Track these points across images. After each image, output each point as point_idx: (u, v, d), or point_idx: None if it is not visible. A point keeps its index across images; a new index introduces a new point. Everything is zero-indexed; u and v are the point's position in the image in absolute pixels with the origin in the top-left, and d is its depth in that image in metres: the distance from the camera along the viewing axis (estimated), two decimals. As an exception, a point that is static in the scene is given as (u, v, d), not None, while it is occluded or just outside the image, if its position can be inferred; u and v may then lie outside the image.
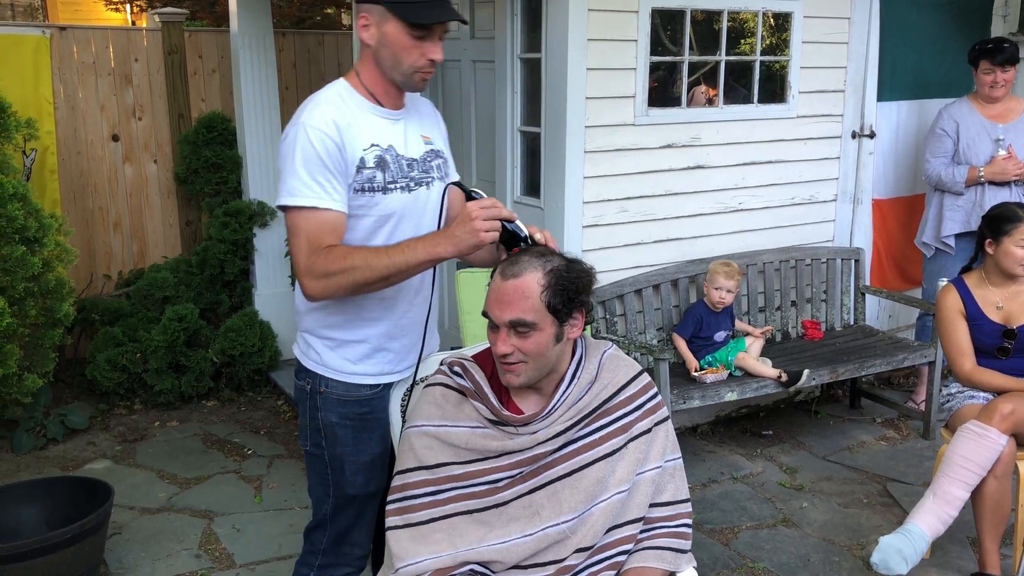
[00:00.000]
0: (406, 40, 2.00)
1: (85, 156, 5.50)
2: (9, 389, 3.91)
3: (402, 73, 2.05)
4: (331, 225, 1.99)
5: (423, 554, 1.95)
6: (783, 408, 4.92)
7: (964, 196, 4.52)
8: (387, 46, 2.02)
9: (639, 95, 4.12)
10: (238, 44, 5.23)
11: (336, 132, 2.00)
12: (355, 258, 1.95)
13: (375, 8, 2.00)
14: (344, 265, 1.94)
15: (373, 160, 2.06)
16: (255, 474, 4.20)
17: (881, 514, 3.81)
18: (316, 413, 2.22)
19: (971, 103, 4.57)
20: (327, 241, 1.97)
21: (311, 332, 2.21)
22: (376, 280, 1.96)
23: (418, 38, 2.00)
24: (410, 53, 2.02)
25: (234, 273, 5.40)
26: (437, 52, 2.04)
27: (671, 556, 2.02)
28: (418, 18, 1.97)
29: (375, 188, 2.07)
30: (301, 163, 1.97)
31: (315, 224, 1.98)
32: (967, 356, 3.42)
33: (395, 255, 1.95)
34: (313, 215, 1.98)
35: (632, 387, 2.07)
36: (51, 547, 2.92)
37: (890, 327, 5.31)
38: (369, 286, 1.98)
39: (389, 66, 2.05)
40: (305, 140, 1.97)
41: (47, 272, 3.98)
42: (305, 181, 1.97)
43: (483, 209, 1.91)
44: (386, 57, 2.04)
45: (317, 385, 2.20)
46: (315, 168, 1.97)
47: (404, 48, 2.01)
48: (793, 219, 4.80)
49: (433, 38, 2.03)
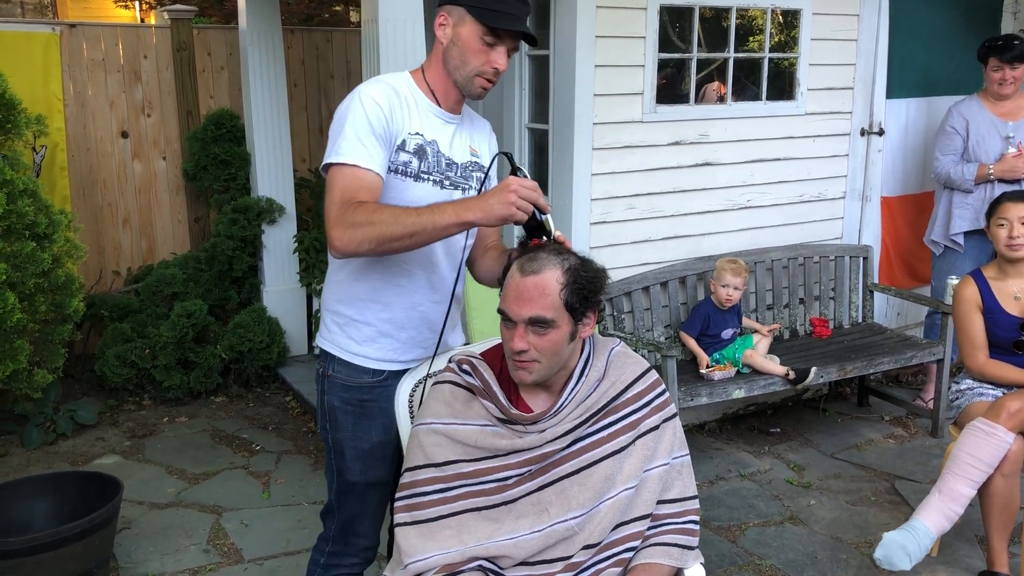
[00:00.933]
0: (477, 44, 2.08)
1: (94, 153, 5.52)
2: (19, 384, 3.93)
3: (465, 75, 2.12)
4: (367, 183, 2.02)
5: (431, 550, 1.96)
6: (791, 406, 4.92)
7: (973, 194, 4.50)
8: (458, 46, 2.10)
9: (647, 92, 4.12)
10: (247, 41, 5.24)
11: (387, 105, 2.07)
12: (384, 212, 1.97)
13: (456, 9, 2.09)
14: (372, 217, 1.95)
15: (413, 146, 2.12)
16: (263, 470, 4.22)
17: (889, 512, 3.80)
18: (323, 396, 2.28)
19: (981, 100, 4.56)
20: (360, 197, 2.00)
21: (327, 307, 2.28)
22: (401, 236, 1.95)
23: (488, 44, 2.08)
24: (478, 56, 2.09)
25: (243, 269, 5.42)
26: (502, 61, 2.11)
27: (678, 553, 2.03)
28: (495, 22, 2.05)
29: (407, 173, 2.12)
30: (351, 126, 2.04)
31: (352, 179, 2.02)
32: (980, 349, 3.42)
33: (424, 213, 1.96)
34: (352, 171, 2.02)
35: (640, 384, 2.07)
36: (61, 541, 2.94)
37: (898, 325, 5.30)
38: (395, 242, 1.96)
39: (455, 66, 2.12)
40: (358, 106, 2.05)
41: (57, 268, 4.00)
42: (351, 141, 2.03)
43: (523, 187, 1.92)
44: (454, 56, 2.11)
45: (326, 368, 2.26)
46: (363, 131, 2.03)
47: (473, 51, 2.09)
48: (802, 216, 4.79)
49: (502, 47, 2.10)
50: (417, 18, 3.37)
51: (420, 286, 2.21)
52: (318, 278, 5.29)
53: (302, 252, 5.47)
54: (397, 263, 2.17)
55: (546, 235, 2.01)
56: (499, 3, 2.05)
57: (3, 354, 3.75)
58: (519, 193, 1.91)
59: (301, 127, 6.18)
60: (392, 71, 3.32)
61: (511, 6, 2.05)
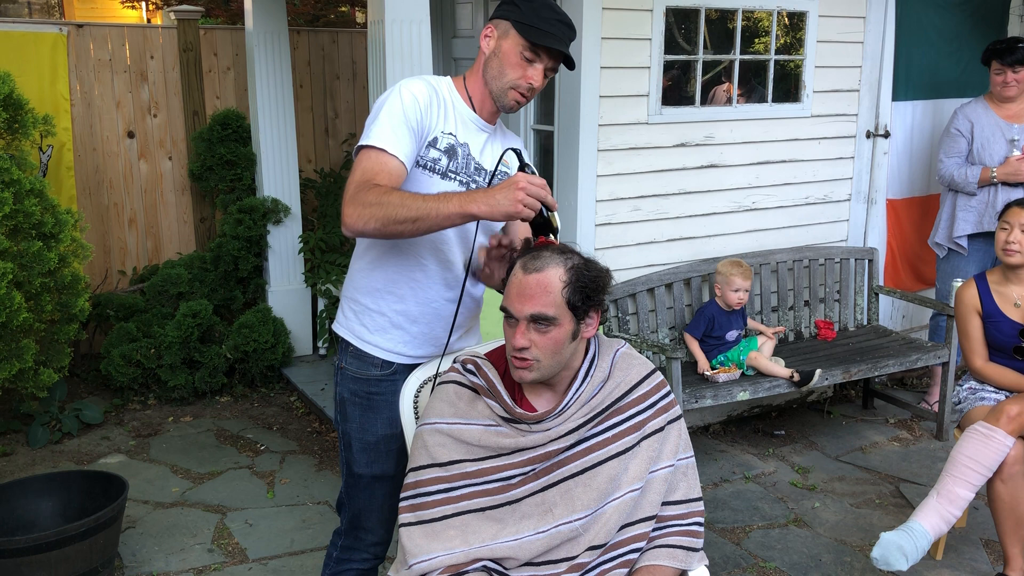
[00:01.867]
0: (517, 58, 2.15)
1: (101, 153, 5.54)
2: (25, 383, 3.94)
3: (500, 86, 2.18)
4: (389, 169, 2.06)
5: (436, 551, 1.96)
6: (795, 408, 4.91)
7: (977, 197, 4.50)
8: (499, 57, 2.17)
9: (653, 94, 4.12)
10: (253, 42, 5.25)
11: (425, 100, 2.14)
12: (393, 195, 2.00)
13: (503, 23, 2.17)
14: (381, 198, 1.98)
15: (445, 145, 2.17)
16: (268, 470, 4.22)
17: (893, 515, 3.80)
18: (336, 388, 2.35)
19: (986, 103, 4.55)
20: (379, 180, 2.04)
21: (345, 294, 2.34)
22: (405, 219, 1.97)
23: (527, 59, 2.14)
24: (515, 70, 2.16)
25: (248, 270, 5.43)
26: (538, 79, 2.17)
27: (683, 554, 2.03)
28: (536, 39, 2.11)
29: (436, 170, 2.16)
30: (386, 114, 2.09)
31: (375, 162, 2.06)
32: (978, 353, 3.43)
33: (430, 200, 1.99)
34: (377, 155, 2.07)
35: (645, 385, 2.07)
36: (67, 540, 2.95)
37: (903, 327, 5.29)
38: (398, 225, 1.98)
39: (492, 76, 2.19)
40: (396, 97, 2.12)
41: (63, 268, 4.01)
42: (384, 128, 2.08)
43: (531, 184, 1.94)
44: (493, 67, 2.18)
45: (340, 360, 2.33)
46: (396, 121, 2.08)
47: (512, 64, 2.16)
48: (807, 218, 4.79)
49: (539, 65, 2.16)
50: (423, 19, 3.38)
51: (435, 282, 2.24)
52: (323, 279, 5.30)
53: (307, 252, 5.48)
54: (414, 256, 2.20)
55: (552, 232, 2.02)
56: (545, 23, 2.12)
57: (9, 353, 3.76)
58: (527, 190, 1.92)
59: (307, 128, 6.19)
60: (398, 72, 3.36)
61: (556, 27, 2.13)
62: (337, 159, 6.34)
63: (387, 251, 2.21)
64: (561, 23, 2.15)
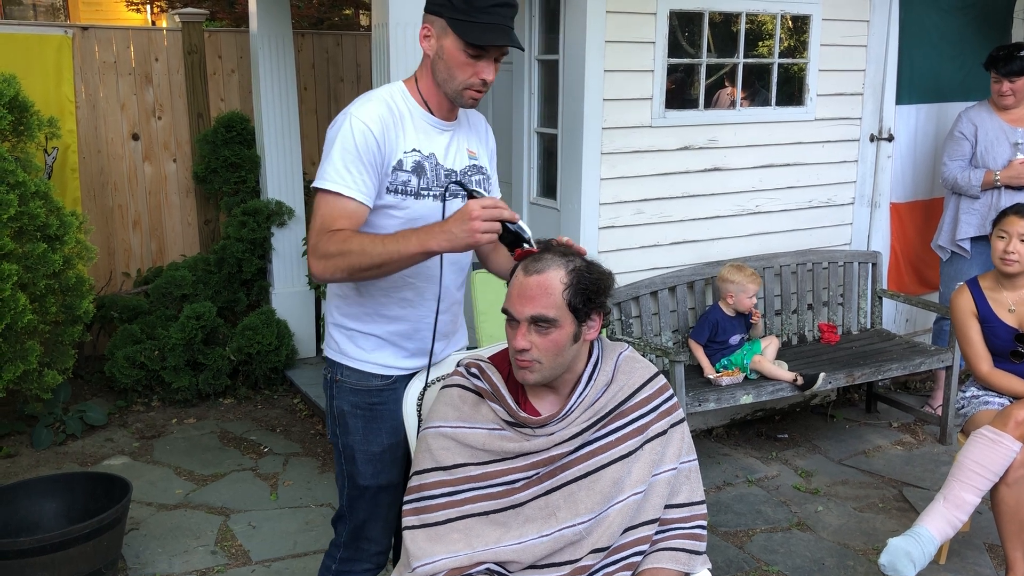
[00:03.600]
0: (461, 57, 2.05)
1: (105, 155, 5.55)
2: (29, 385, 3.95)
3: (453, 88, 2.10)
4: (347, 212, 2.03)
5: (440, 554, 1.96)
6: (799, 411, 4.91)
7: (980, 200, 4.49)
8: (443, 59, 2.08)
9: (656, 97, 4.12)
10: (257, 44, 5.26)
11: (380, 128, 2.06)
12: (352, 243, 1.97)
13: (438, 21, 2.06)
14: (342, 248, 1.97)
15: (411, 164, 2.11)
16: (271, 472, 4.23)
17: (897, 519, 3.79)
18: (332, 402, 2.29)
19: (990, 107, 4.55)
20: (338, 225, 2.01)
21: (333, 321, 2.28)
22: (371, 266, 1.97)
23: (473, 56, 2.05)
24: (463, 70, 2.07)
25: (252, 272, 5.44)
26: (489, 73, 2.09)
27: (685, 557, 2.03)
28: (476, 39, 2.02)
29: (407, 192, 2.11)
30: (339, 151, 2.04)
31: (332, 208, 2.03)
32: (983, 359, 3.41)
33: (389, 244, 1.96)
34: (334, 200, 2.03)
35: (648, 389, 2.07)
36: (71, 541, 2.96)
37: (907, 331, 5.28)
38: (366, 272, 1.98)
39: (443, 79, 2.11)
40: (348, 130, 2.04)
41: (67, 269, 4.02)
42: (337, 168, 2.03)
43: (484, 209, 1.89)
44: (441, 70, 2.10)
45: (335, 374, 2.27)
46: (349, 158, 2.03)
47: (459, 64, 2.06)
48: (810, 222, 4.78)
49: (488, 59, 2.07)
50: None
51: (427, 299, 2.22)
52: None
53: (311, 255, 5.48)
54: (400, 278, 2.16)
55: (526, 242, 1.98)
56: (481, 13, 2.00)
57: (14, 355, 3.77)
58: (482, 217, 1.88)
59: (311, 130, 6.21)
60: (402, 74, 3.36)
61: (493, 15, 2.01)
62: (341, 162, 6.34)
63: None
64: (498, 5, 2.01)
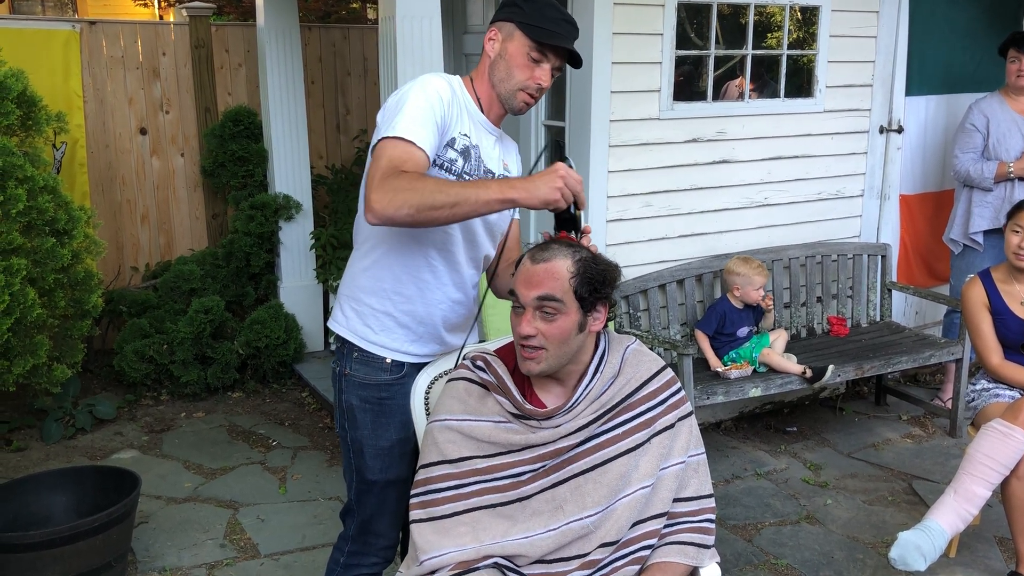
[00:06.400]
0: (523, 59, 2.14)
1: (113, 149, 5.56)
2: (39, 379, 3.96)
3: (509, 89, 2.17)
4: (416, 159, 2.01)
5: (447, 547, 1.96)
6: (808, 405, 4.90)
7: (993, 192, 4.47)
8: (505, 59, 2.16)
9: (664, 89, 4.10)
10: (264, 38, 5.26)
11: (448, 96, 2.12)
12: (427, 180, 1.97)
13: (506, 25, 2.16)
14: (415, 184, 1.94)
15: (461, 146, 2.16)
16: (280, 465, 4.23)
17: (906, 512, 3.78)
18: (341, 395, 2.29)
19: (1002, 98, 4.52)
20: (406, 168, 1.99)
21: (346, 294, 2.29)
22: (443, 205, 1.93)
23: (534, 60, 2.14)
24: (523, 71, 2.15)
25: (260, 266, 5.44)
26: (546, 79, 2.16)
27: (694, 551, 2.02)
28: (543, 38, 2.11)
29: (452, 170, 2.14)
30: (410, 107, 2.04)
31: (403, 151, 2.01)
32: (994, 351, 3.39)
33: (468, 185, 1.99)
34: (404, 145, 2.01)
35: (655, 382, 2.07)
36: (80, 535, 2.96)
37: (917, 324, 5.26)
38: (435, 211, 1.93)
39: (500, 79, 2.18)
40: (420, 91, 2.08)
41: (76, 264, 4.03)
42: (408, 119, 2.03)
43: (570, 175, 1.95)
44: (500, 70, 2.17)
45: (344, 367, 2.27)
46: (423, 114, 2.04)
47: (519, 65, 2.15)
48: (819, 214, 4.76)
49: (547, 65, 2.15)
50: (434, 15, 3.38)
51: (443, 283, 2.23)
52: (335, 275, 5.30)
53: (319, 249, 5.49)
54: (422, 256, 2.18)
55: (576, 230, 2.03)
56: (549, 23, 2.12)
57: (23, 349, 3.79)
58: (567, 180, 1.93)
59: (318, 124, 6.20)
60: (409, 68, 3.36)
61: (560, 26, 2.13)
62: (348, 155, 6.35)
63: (393, 250, 2.17)
64: (565, 22, 2.14)
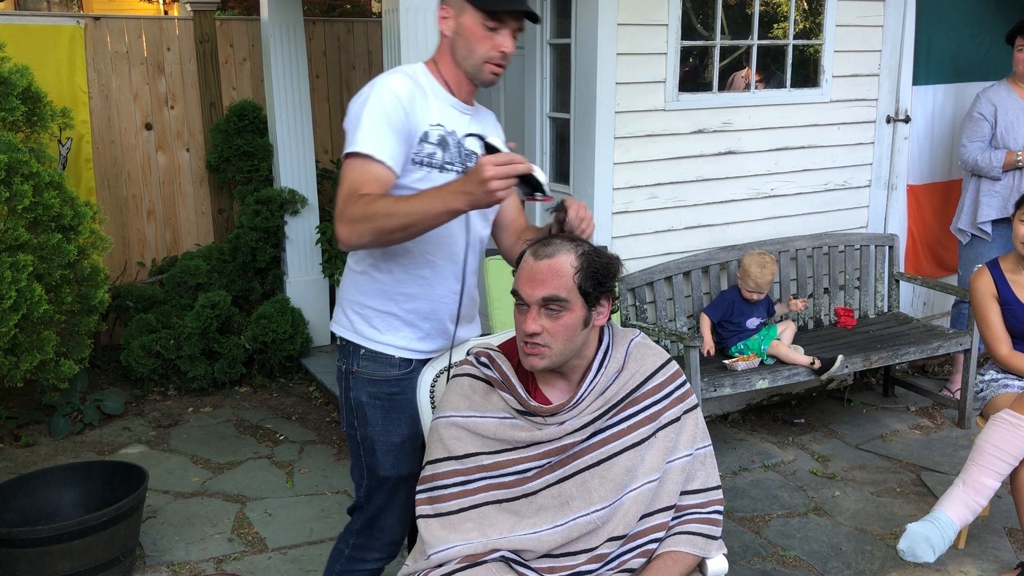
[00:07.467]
0: (480, 31, 2.09)
1: (119, 145, 5.57)
2: (46, 375, 3.98)
3: (474, 64, 2.13)
4: (375, 176, 2.02)
5: (454, 541, 1.96)
6: (815, 396, 4.88)
7: (1001, 181, 4.44)
8: (463, 36, 2.12)
9: (670, 80, 4.09)
10: (269, 33, 5.25)
11: (408, 96, 2.08)
12: (377, 205, 1.97)
13: (455, 1, 2.11)
14: (367, 211, 1.96)
15: (436, 137, 2.13)
16: (287, 459, 4.24)
17: (915, 503, 3.77)
18: (348, 393, 2.28)
19: (1010, 86, 4.49)
20: (366, 189, 2.00)
21: (348, 298, 2.27)
22: (398, 228, 1.96)
23: (491, 29, 2.09)
24: (483, 43, 2.10)
25: (266, 260, 5.45)
26: (508, 44, 2.12)
27: (702, 542, 2.02)
28: (493, 6, 2.06)
29: (433, 164, 2.13)
30: (367, 117, 2.04)
31: (360, 172, 2.02)
32: (1002, 341, 3.37)
33: (414, 204, 1.96)
34: (362, 164, 2.02)
35: (660, 375, 2.06)
36: (88, 529, 2.97)
37: (925, 314, 5.24)
38: (393, 234, 1.97)
39: (463, 56, 2.14)
40: (376, 98, 2.06)
41: (82, 259, 4.04)
42: (366, 131, 2.03)
43: (497, 167, 1.87)
44: (461, 47, 2.13)
45: (350, 365, 2.26)
46: (380, 124, 2.03)
47: (478, 38, 2.10)
48: (826, 205, 4.74)
49: (505, 31, 2.10)
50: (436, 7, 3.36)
51: (445, 278, 2.22)
52: (340, 269, 5.30)
53: (324, 243, 5.49)
54: (420, 255, 2.17)
55: (539, 189, 1.95)
56: None
57: (30, 345, 3.80)
58: (496, 175, 1.86)
59: (323, 118, 6.20)
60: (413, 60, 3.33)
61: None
62: (354, 149, 6.33)
63: (389, 252, 2.17)
64: None
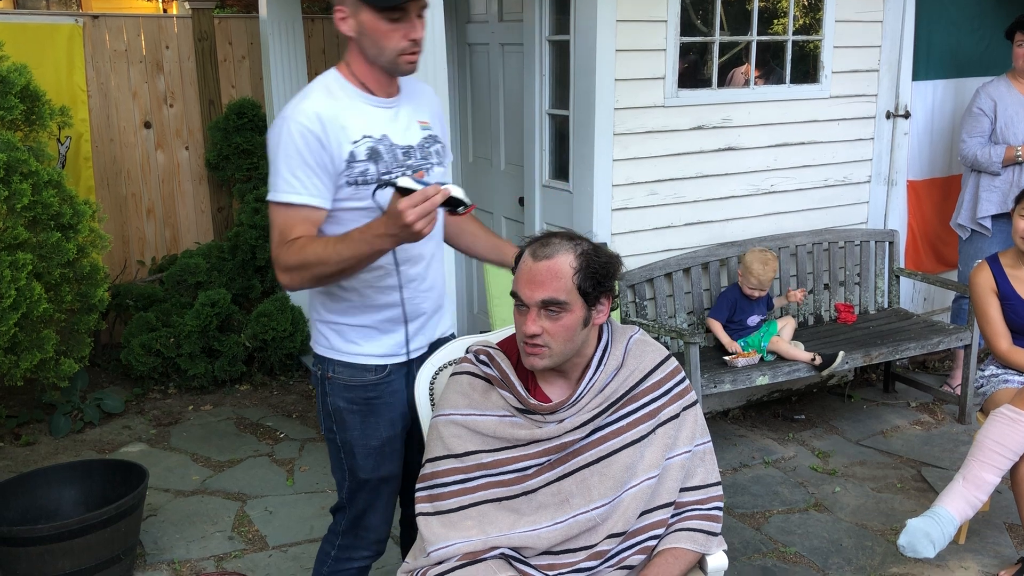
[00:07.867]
0: (383, 25, 1.98)
1: (118, 143, 5.56)
2: (46, 373, 3.98)
3: (387, 59, 2.03)
4: (301, 218, 1.99)
5: (454, 538, 1.96)
6: (815, 392, 4.88)
7: (1001, 176, 4.43)
8: (367, 35, 2.01)
9: (669, 76, 4.08)
10: (267, 30, 5.24)
11: (319, 126, 1.99)
12: (307, 253, 1.95)
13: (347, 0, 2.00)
14: (300, 260, 1.96)
15: (365, 153, 2.04)
16: (287, 457, 4.24)
17: (915, 499, 3.77)
18: (325, 399, 2.24)
19: (1009, 81, 4.48)
20: (294, 233, 1.98)
21: (320, 318, 2.23)
22: (333, 273, 1.96)
23: (394, 20, 1.98)
24: (390, 38, 2.00)
25: (265, 258, 5.44)
26: (417, 31, 2.01)
27: (702, 538, 2.02)
28: (387, 1, 1.95)
29: (368, 181, 2.05)
30: (282, 158, 1.98)
31: (285, 218, 1.99)
32: (1002, 336, 3.37)
33: (343, 249, 1.93)
34: (286, 210, 1.99)
35: (659, 372, 2.06)
36: (89, 528, 2.98)
37: (925, 310, 5.23)
38: (331, 278, 1.98)
39: (374, 55, 2.03)
40: (287, 135, 1.98)
41: (82, 258, 4.03)
42: (284, 176, 1.98)
43: (415, 208, 1.81)
44: (369, 46, 2.03)
45: (326, 371, 2.22)
46: (294, 163, 1.97)
47: (383, 34, 1.99)
48: (826, 201, 4.74)
49: (410, 18, 2.00)
50: (436, 4, 3.37)
51: (411, 279, 2.18)
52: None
53: (324, 241, 5.48)
54: (379, 267, 2.11)
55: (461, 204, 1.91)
56: None
57: (30, 344, 3.80)
58: (417, 215, 1.81)
59: (322, 116, 6.18)
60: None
61: None
62: (353, 147, 6.33)
63: None
64: None
